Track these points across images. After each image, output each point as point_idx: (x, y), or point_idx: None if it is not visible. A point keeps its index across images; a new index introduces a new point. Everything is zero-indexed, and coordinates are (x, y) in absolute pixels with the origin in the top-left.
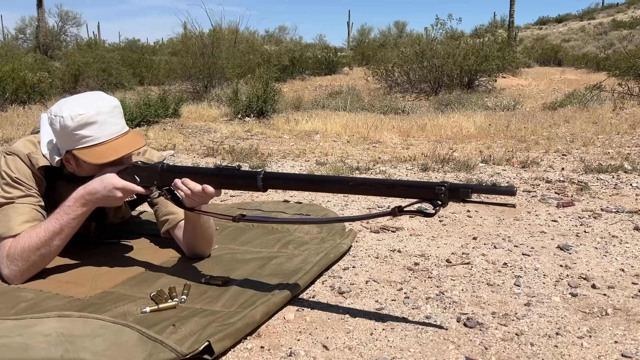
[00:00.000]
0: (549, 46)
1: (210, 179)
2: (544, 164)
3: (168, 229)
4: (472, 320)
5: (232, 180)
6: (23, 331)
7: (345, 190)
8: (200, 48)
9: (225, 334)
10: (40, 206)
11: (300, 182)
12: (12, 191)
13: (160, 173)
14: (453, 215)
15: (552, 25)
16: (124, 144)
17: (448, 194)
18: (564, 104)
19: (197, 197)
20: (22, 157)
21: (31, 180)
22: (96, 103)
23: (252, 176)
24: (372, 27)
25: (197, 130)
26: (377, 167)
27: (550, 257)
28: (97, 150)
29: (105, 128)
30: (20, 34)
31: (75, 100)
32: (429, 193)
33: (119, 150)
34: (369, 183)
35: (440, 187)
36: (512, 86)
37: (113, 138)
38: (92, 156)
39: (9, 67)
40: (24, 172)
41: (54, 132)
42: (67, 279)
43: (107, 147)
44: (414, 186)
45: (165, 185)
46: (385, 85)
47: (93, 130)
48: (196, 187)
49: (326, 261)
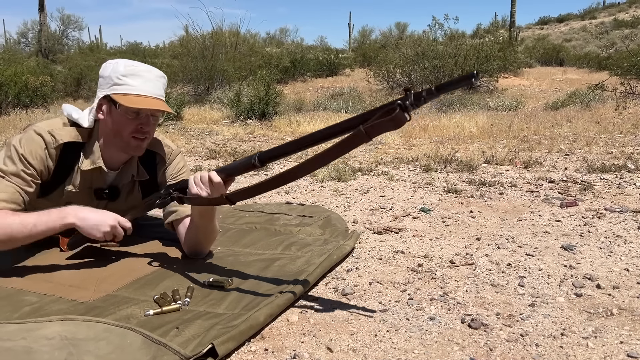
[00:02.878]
0: (551, 46)
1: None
2: (546, 164)
3: (173, 221)
4: (477, 321)
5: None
6: (27, 335)
7: (327, 137)
8: (201, 51)
9: (229, 337)
10: (27, 190)
11: (289, 146)
12: (10, 166)
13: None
14: (456, 216)
15: (554, 25)
16: (155, 102)
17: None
18: (566, 104)
19: (205, 186)
20: (42, 134)
21: (39, 161)
22: (147, 67)
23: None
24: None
25: (200, 133)
26: (379, 167)
27: (554, 257)
28: (132, 97)
29: (147, 85)
30: (22, 38)
31: (134, 61)
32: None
33: (150, 104)
34: (344, 123)
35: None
36: (513, 86)
37: (150, 95)
38: (127, 100)
39: (11, 71)
40: (34, 153)
41: (101, 78)
42: (71, 282)
43: (142, 99)
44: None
45: (178, 189)
46: (386, 86)
47: (137, 81)
48: (204, 175)
49: (329, 263)
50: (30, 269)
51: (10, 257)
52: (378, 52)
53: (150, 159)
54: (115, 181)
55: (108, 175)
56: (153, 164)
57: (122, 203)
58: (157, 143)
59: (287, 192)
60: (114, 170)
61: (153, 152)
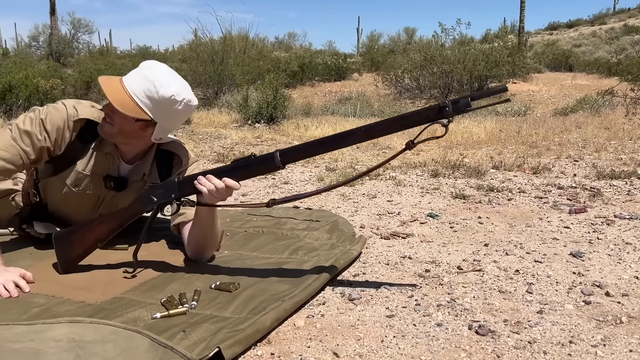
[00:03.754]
0: (560, 51)
1: (228, 174)
2: (555, 170)
3: (179, 224)
4: (484, 327)
5: (250, 168)
6: (35, 336)
7: (360, 138)
8: (210, 55)
9: (236, 340)
10: (30, 155)
11: (314, 146)
12: (27, 125)
13: (177, 185)
14: (464, 221)
15: (563, 30)
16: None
17: (452, 107)
18: (575, 110)
19: (220, 192)
20: (67, 105)
21: (55, 129)
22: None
23: (269, 157)
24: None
25: (208, 137)
26: (387, 172)
27: (563, 264)
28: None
29: (179, 124)
30: (33, 41)
31: (190, 91)
32: (436, 113)
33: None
34: (380, 124)
35: (444, 103)
36: (522, 92)
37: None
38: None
39: (22, 74)
40: (54, 120)
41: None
42: (79, 284)
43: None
44: (422, 112)
45: (183, 196)
46: (394, 91)
47: (179, 120)
48: (219, 182)
49: (336, 268)
50: (38, 270)
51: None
52: (386, 56)
53: (168, 160)
54: (128, 175)
55: (121, 166)
56: (170, 165)
57: (130, 200)
58: (179, 146)
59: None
60: (128, 164)
61: (172, 153)
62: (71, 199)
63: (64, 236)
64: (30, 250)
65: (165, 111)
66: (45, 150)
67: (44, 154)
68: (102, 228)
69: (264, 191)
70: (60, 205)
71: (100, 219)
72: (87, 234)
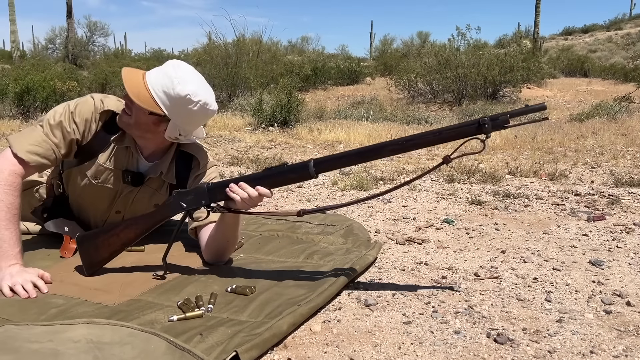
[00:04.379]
0: (575, 57)
1: (261, 182)
2: (572, 177)
3: (196, 227)
4: (503, 336)
5: (283, 176)
6: (53, 337)
7: (396, 150)
8: (224, 58)
9: (253, 345)
10: (61, 149)
11: (350, 157)
12: (57, 120)
13: (207, 192)
14: (480, 228)
15: (578, 35)
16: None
17: (491, 124)
18: (591, 116)
19: (252, 200)
20: (95, 98)
21: (83, 121)
22: (213, 111)
23: (303, 166)
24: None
25: (222, 140)
26: (401, 177)
27: (582, 272)
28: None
29: (194, 126)
30: (50, 43)
31: (211, 96)
32: (474, 129)
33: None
34: (417, 136)
35: (484, 119)
36: (537, 97)
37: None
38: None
39: (40, 77)
40: (83, 112)
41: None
42: (96, 285)
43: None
44: (460, 127)
45: (213, 202)
46: (407, 95)
47: (195, 126)
48: (252, 190)
49: (352, 273)
50: (56, 271)
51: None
52: (399, 61)
53: (187, 162)
54: (146, 172)
55: (141, 162)
56: (188, 167)
57: (147, 200)
58: (199, 149)
59: (308, 200)
60: (148, 162)
61: (191, 155)
62: (90, 191)
63: (89, 240)
64: (48, 250)
65: (179, 109)
66: (75, 142)
67: (74, 146)
68: (127, 232)
69: (278, 194)
70: (79, 197)
71: (126, 223)
72: (113, 238)
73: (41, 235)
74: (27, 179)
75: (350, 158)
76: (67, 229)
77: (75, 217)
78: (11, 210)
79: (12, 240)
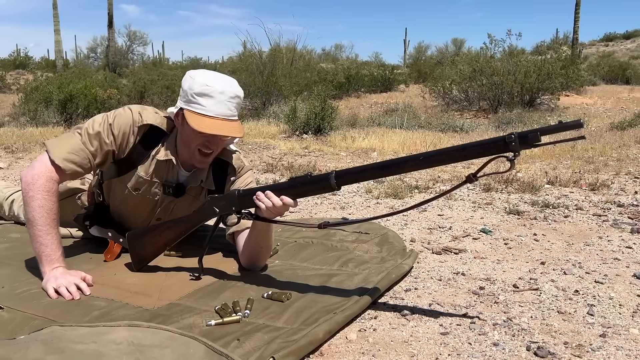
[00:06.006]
0: (616, 63)
1: (285, 191)
2: (614, 187)
3: (234, 233)
4: (543, 349)
5: (306, 187)
6: (97, 338)
7: (418, 165)
8: (258, 66)
9: (289, 351)
10: (92, 160)
11: (372, 170)
12: (95, 130)
13: (238, 199)
14: (519, 238)
15: (620, 41)
16: (225, 127)
17: (518, 141)
18: (633, 124)
19: (277, 209)
20: (133, 111)
21: (121, 134)
22: (225, 85)
23: (325, 178)
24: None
25: (257, 147)
26: (436, 186)
27: (626, 285)
28: (202, 119)
29: (218, 107)
30: (91, 52)
31: (213, 74)
32: (500, 146)
33: (217, 129)
34: (440, 152)
35: (510, 137)
36: (576, 105)
37: (220, 117)
38: (195, 122)
39: (82, 85)
40: (120, 125)
41: (181, 88)
42: (137, 289)
43: (210, 121)
44: (485, 144)
45: (243, 208)
46: (442, 102)
47: (209, 102)
48: (277, 200)
49: (387, 281)
50: (98, 274)
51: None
52: (434, 68)
53: (222, 169)
54: (186, 181)
55: (180, 173)
56: (224, 174)
57: (186, 207)
58: (233, 155)
59: (342, 207)
60: (187, 171)
61: (226, 162)
62: (131, 201)
63: (138, 237)
64: (91, 254)
65: (185, 95)
66: (111, 153)
67: (109, 157)
68: (169, 233)
69: (312, 201)
70: (120, 206)
71: (168, 224)
72: (157, 237)
73: (84, 239)
74: (70, 187)
75: (372, 172)
76: (110, 234)
77: (115, 224)
78: (50, 215)
79: (53, 244)
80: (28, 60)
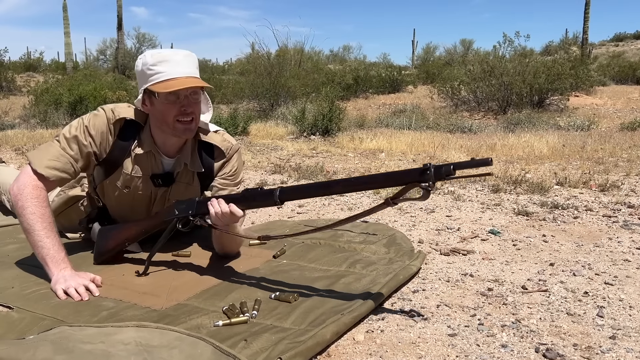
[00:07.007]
0: (627, 64)
1: (237, 202)
2: (625, 188)
3: None
4: (552, 351)
5: (254, 200)
6: (105, 338)
7: (348, 187)
8: (267, 68)
9: (297, 352)
10: (79, 162)
11: (313, 189)
12: (72, 134)
13: (197, 204)
14: (528, 239)
15: (630, 41)
16: (189, 81)
17: (433, 173)
18: None
19: (225, 216)
20: (106, 110)
21: (99, 134)
22: (175, 50)
23: (270, 193)
24: (437, 46)
25: (265, 148)
26: (445, 186)
27: (636, 287)
28: (167, 83)
29: (178, 67)
30: (101, 55)
31: (159, 49)
32: (418, 175)
33: (185, 83)
34: (365, 178)
35: (426, 167)
36: (585, 105)
37: (182, 76)
38: (162, 87)
39: (91, 87)
40: (97, 125)
41: (137, 75)
42: (144, 290)
43: (176, 81)
44: (406, 173)
45: (199, 214)
46: (450, 103)
47: (166, 66)
48: (225, 207)
49: (395, 283)
50: (105, 275)
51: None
52: (442, 69)
53: (209, 152)
54: (172, 168)
55: (164, 161)
56: (211, 155)
57: (182, 194)
58: (217, 136)
59: (350, 208)
60: (170, 158)
61: (212, 145)
62: (125, 199)
63: (106, 232)
64: None
65: (142, 75)
66: (92, 155)
67: (92, 159)
68: (130, 230)
69: (320, 202)
70: (118, 206)
71: (133, 222)
72: (121, 233)
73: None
74: (72, 195)
75: (315, 190)
76: None
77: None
78: (45, 220)
79: (55, 246)
80: (39, 62)
